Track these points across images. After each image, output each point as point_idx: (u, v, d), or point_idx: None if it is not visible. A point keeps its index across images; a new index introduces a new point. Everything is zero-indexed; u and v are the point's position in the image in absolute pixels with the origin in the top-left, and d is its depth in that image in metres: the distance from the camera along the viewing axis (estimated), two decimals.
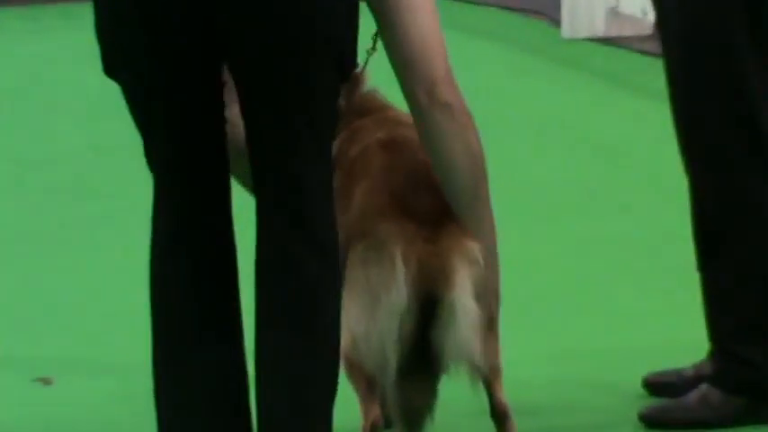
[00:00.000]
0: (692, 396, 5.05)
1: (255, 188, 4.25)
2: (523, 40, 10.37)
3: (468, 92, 9.61)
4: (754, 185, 5.02)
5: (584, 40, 10.13)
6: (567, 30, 10.23)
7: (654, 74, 8.52)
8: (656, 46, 9.50)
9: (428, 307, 4.47)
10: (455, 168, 4.54)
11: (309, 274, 4.22)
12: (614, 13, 10.14)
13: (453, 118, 4.53)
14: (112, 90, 4.25)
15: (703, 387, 5.02)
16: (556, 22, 10.29)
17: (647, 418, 5.03)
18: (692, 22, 5.00)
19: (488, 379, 4.62)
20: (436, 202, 4.53)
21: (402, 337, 4.48)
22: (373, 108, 4.90)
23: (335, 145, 4.55)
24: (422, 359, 4.56)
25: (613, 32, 10.09)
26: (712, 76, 4.97)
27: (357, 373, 4.57)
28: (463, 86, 9.41)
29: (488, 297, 4.58)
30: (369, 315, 4.49)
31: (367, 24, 4.65)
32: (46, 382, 5.42)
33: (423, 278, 4.45)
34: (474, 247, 4.49)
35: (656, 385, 5.24)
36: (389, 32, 4.56)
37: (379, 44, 4.81)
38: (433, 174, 4.59)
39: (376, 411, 4.58)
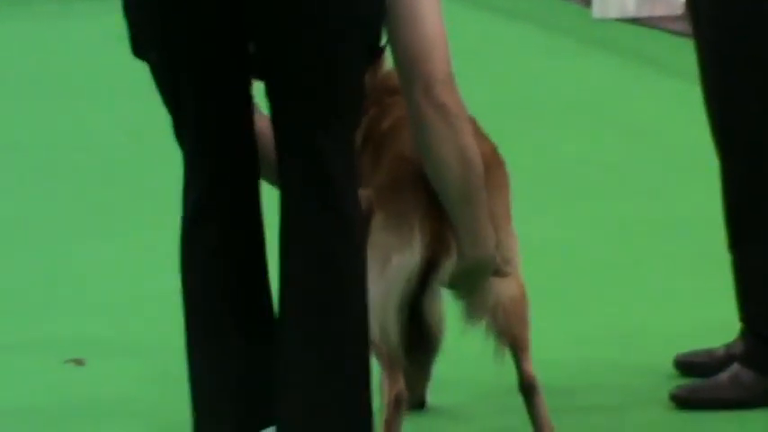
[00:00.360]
0: (724, 376, 5.05)
1: (279, 167, 4.28)
2: (555, 21, 10.41)
3: (501, 73, 9.70)
4: None
5: (615, 20, 10.17)
6: (598, 10, 10.27)
7: (685, 54, 8.52)
8: (687, 26, 9.53)
9: (426, 274, 4.52)
10: (444, 171, 4.53)
11: (332, 249, 4.27)
12: None
13: (447, 120, 4.50)
14: (141, 72, 4.30)
15: (735, 367, 5.02)
16: (587, 2, 10.29)
17: (677, 398, 5.03)
18: (724, 3, 5.00)
19: (517, 351, 4.65)
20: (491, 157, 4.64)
21: (403, 300, 4.52)
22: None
23: (366, 120, 4.71)
24: (417, 335, 4.62)
25: (644, 12, 10.14)
26: (745, 60, 4.97)
27: (376, 344, 4.60)
28: (495, 67, 9.49)
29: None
30: (380, 276, 4.53)
31: None
32: (78, 363, 5.43)
33: (438, 248, 4.51)
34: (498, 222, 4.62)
35: (687, 365, 5.24)
36: (395, 25, 4.55)
37: None
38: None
39: (401, 384, 4.59)
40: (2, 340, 5.67)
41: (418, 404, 4.91)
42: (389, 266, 4.55)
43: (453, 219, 4.60)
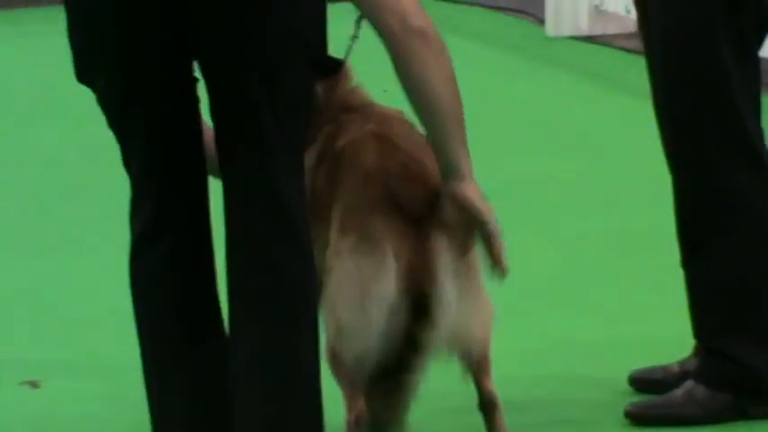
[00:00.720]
0: (678, 392, 5.07)
1: (224, 181, 4.29)
2: (508, 39, 10.45)
3: (469, 84, 9.50)
4: (739, 185, 5.04)
5: (568, 38, 10.19)
6: (551, 28, 10.30)
7: (638, 71, 8.59)
8: (639, 44, 9.60)
9: (418, 303, 4.48)
10: (436, 96, 4.49)
11: (280, 262, 4.26)
12: (598, 11, 10.22)
13: (430, 45, 4.47)
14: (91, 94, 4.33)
15: (688, 383, 5.05)
16: (540, 20, 10.33)
17: (632, 415, 5.06)
18: (676, 23, 5.02)
19: (478, 370, 4.64)
20: (424, 195, 4.52)
21: (389, 331, 4.48)
22: (359, 103, 4.90)
23: (321, 137, 4.73)
24: (397, 364, 4.58)
25: (597, 30, 10.16)
26: (696, 76, 5.00)
27: (340, 365, 4.58)
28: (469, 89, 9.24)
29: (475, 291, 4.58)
30: (357, 305, 4.49)
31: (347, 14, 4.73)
32: (33, 385, 5.43)
33: (412, 275, 4.47)
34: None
35: (641, 381, 5.27)
36: None
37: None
38: (423, 165, 4.58)
39: (361, 405, 4.60)
40: None
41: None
42: (369, 297, 4.50)
43: (445, 148, 4.49)
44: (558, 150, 8.12)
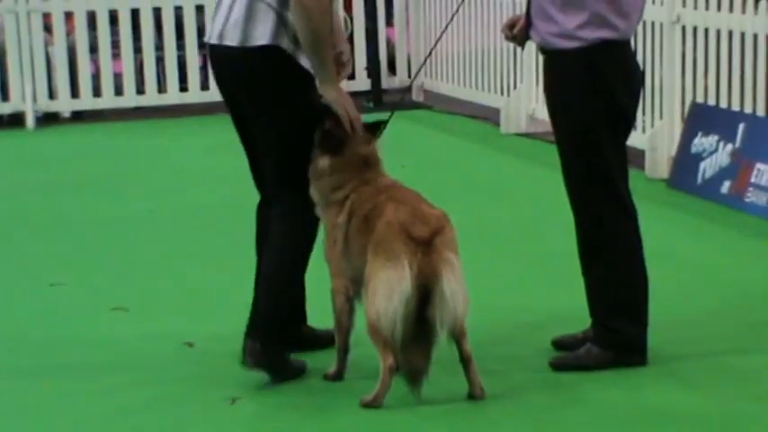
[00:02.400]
0: (582, 350, 5.10)
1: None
2: (476, 135, 10.29)
3: (441, 165, 9.56)
4: (614, 227, 5.01)
5: (514, 134, 10.16)
6: (503, 127, 10.33)
7: (552, 154, 8.85)
8: None
9: (425, 295, 4.53)
10: (301, 36, 4.71)
11: (280, 234, 4.86)
12: (532, 118, 10.14)
13: (297, 6, 4.67)
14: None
15: (588, 345, 5.10)
16: (497, 123, 10.41)
17: (554, 364, 5.09)
18: (571, 120, 4.99)
19: (459, 337, 4.67)
20: (428, 230, 4.58)
21: (407, 314, 4.53)
22: (372, 177, 4.87)
23: (349, 204, 4.80)
24: (420, 332, 4.57)
25: (531, 129, 10.14)
26: (588, 162, 4.97)
27: (379, 336, 4.59)
28: (437, 163, 9.25)
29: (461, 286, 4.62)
30: (388, 299, 4.53)
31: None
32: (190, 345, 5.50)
33: (420, 277, 4.53)
34: (451, 257, 4.58)
35: (559, 343, 5.29)
36: None
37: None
38: (422, 212, 4.63)
39: (392, 359, 4.60)
40: None
41: (418, 376, 4.65)
42: (394, 294, 4.52)
43: (312, 64, 4.76)
44: (505, 203, 7.96)
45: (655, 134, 8.53)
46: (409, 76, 12.38)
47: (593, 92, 4.90)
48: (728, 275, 5.86)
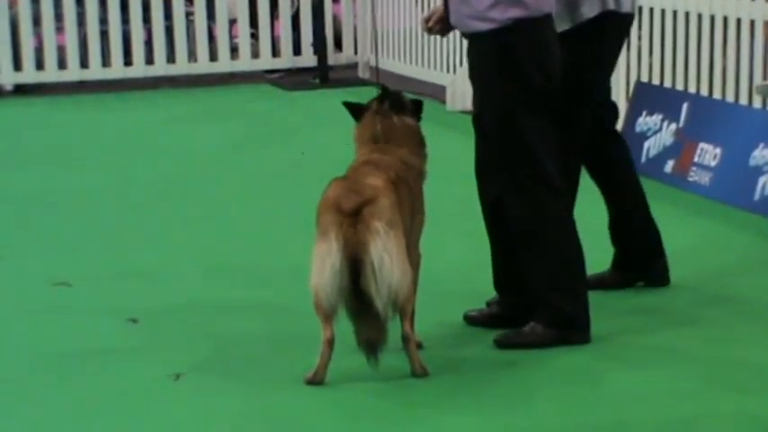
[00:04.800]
0: (526, 328, 5.07)
1: None
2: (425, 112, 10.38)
3: None
4: (546, 207, 5.02)
5: (459, 111, 10.09)
6: (449, 104, 10.34)
7: None
8: None
9: (355, 266, 4.53)
10: None
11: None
12: None
13: None
14: None
15: (532, 323, 5.06)
16: (443, 100, 10.46)
17: (498, 342, 5.06)
18: (489, 104, 5.00)
19: (401, 314, 4.67)
20: (358, 200, 4.58)
21: (341, 287, 4.55)
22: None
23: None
24: (365, 305, 4.57)
25: None
26: (502, 135, 4.97)
27: (318, 309, 4.62)
28: None
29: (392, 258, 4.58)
30: (320, 273, 4.57)
31: None
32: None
33: (348, 248, 4.53)
34: (379, 226, 4.56)
35: (470, 319, 5.32)
36: None
37: None
38: (363, 185, 4.67)
39: (330, 333, 4.62)
40: None
41: (373, 347, 4.65)
42: (324, 267, 4.56)
43: None
44: (449, 179, 7.63)
45: None
46: (356, 53, 12.38)
47: (508, 75, 4.89)
48: (672, 254, 5.89)
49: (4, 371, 4.98)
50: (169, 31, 11.97)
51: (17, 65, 11.61)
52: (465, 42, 5.12)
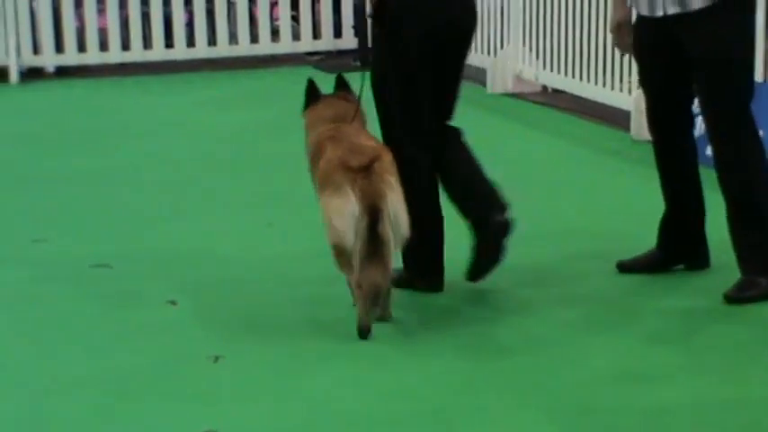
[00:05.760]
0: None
1: None
2: (463, 95, 10.30)
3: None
4: (418, 155, 5.28)
5: (500, 94, 10.18)
6: (490, 88, 10.33)
7: (538, 114, 8.82)
8: (545, 98, 9.81)
9: (373, 213, 4.84)
10: None
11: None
12: (518, 78, 10.17)
13: None
14: None
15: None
16: (483, 83, 10.46)
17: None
18: (393, 65, 5.31)
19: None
20: (365, 158, 4.91)
21: (360, 231, 4.85)
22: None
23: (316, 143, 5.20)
24: (373, 250, 4.85)
25: (518, 89, 10.18)
26: (377, 101, 5.33)
27: (343, 259, 4.94)
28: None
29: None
30: (340, 221, 4.87)
31: None
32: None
33: (365, 198, 4.85)
34: (391, 179, 4.92)
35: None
36: None
37: None
38: (362, 145, 5.02)
39: (357, 275, 4.90)
40: None
41: (378, 292, 4.92)
42: (344, 216, 4.87)
43: None
44: (492, 161, 8.09)
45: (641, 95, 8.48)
46: None
47: (388, 44, 5.31)
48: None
49: (46, 358, 4.98)
50: (210, 13, 11.98)
51: (59, 47, 11.65)
52: (506, 24, 5.11)
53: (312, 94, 5.40)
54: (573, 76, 9.46)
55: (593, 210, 6.82)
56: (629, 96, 8.60)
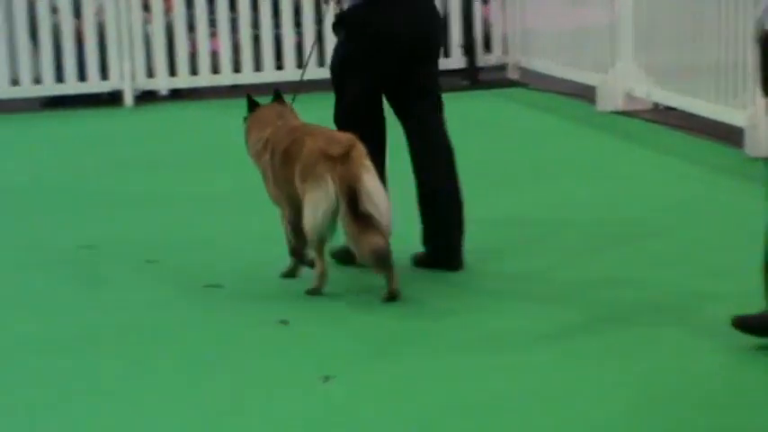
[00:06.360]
0: None
1: None
2: (572, 113, 10.23)
3: (537, 144, 9.47)
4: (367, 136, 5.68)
5: (610, 112, 10.11)
6: (600, 106, 10.26)
7: (651, 133, 8.72)
8: (656, 116, 9.67)
9: (353, 194, 5.41)
10: None
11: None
12: (629, 96, 10.11)
13: None
14: None
15: None
16: (592, 101, 10.42)
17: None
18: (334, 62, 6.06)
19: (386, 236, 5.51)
20: (342, 147, 5.51)
21: (342, 212, 5.44)
22: (284, 122, 6.00)
23: (270, 142, 5.91)
24: (366, 223, 5.39)
25: (629, 107, 10.10)
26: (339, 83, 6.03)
27: (315, 240, 5.59)
28: (532, 141, 9.15)
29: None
30: (318, 212, 5.51)
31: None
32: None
33: (344, 182, 5.44)
34: (367, 163, 5.49)
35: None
36: None
37: None
38: (338, 137, 5.65)
39: (325, 261, 5.66)
40: None
41: (382, 254, 5.43)
42: (320, 209, 5.49)
43: None
44: (595, 182, 7.89)
45: (755, 111, 8.36)
46: (505, 54, 12.31)
47: (341, 43, 6.06)
48: None
49: (159, 373, 5.03)
50: (320, 35, 12.05)
51: (172, 70, 11.81)
52: (616, 40, 5.04)
53: (252, 104, 6.20)
54: (685, 93, 9.34)
55: (707, 229, 6.68)
56: (743, 112, 8.46)
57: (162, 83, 11.90)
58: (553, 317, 5.38)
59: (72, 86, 11.59)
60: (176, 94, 11.98)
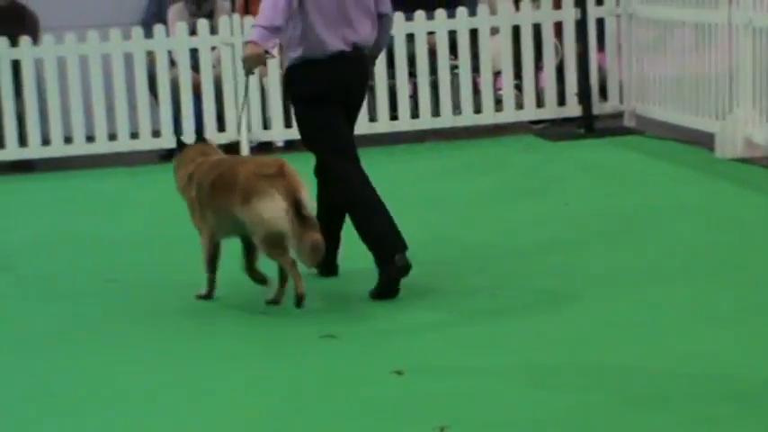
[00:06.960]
0: None
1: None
2: (690, 160, 10.10)
3: (654, 192, 9.32)
4: (335, 163, 6.77)
5: (729, 159, 9.96)
6: (719, 153, 10.11)
7: None
8: None
9: (296, 203, 6.24)
10: None
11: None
12: (749, 142, 9.97)
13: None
14: None
15: None
16: (711, 148, 10.27)
17: None
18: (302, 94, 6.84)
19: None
20: (275, 167, 6.34)
21: (290, 218, 6.23)
22: (205, 159, 6.78)
23: (193, 169, 6.74)
24: (304, 221, 6.22)
25: (749, 154, 9.95)
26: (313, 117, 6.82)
27: (278, 242, 6.26)
28: (649, 189, 8.98)
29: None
30: (273, 213, 6.25)
31: None
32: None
33: (287, 193, 6.27)
34: (299, 178, 6.32)
35: None
36: None
37: None
38: (265, 161, 6.49)
39: (291, 259, 6.36)
40: None
41: (317, 250, 6.23)
42: (274, 210, 6.23)
43: None
44: (721, 228, 7.89)
45: None
46: (621, 102, 12.21)
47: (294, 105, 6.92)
48: None
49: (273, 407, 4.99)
50: (434, 84, 12.08)
51: (287, 122, 11.91)
52: (735, 87, 4.97)
53: (180, 144, 7.07)
54: None
55: None
56: None
57: (278, 134, 12.01)
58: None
59: (190, 139, 11.68)
60: (292, 145, 12.05)
